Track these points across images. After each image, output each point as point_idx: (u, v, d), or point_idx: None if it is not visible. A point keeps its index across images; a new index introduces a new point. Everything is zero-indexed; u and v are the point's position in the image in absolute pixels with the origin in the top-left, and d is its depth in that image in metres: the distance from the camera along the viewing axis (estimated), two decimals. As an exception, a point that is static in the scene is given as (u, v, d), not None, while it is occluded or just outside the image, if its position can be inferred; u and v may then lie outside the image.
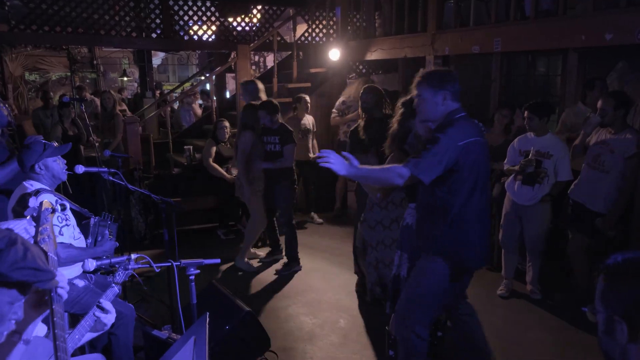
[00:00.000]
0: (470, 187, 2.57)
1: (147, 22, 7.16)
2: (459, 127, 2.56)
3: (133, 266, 2.37)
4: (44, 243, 1.56)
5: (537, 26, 4.47)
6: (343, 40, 7.31)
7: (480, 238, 2.65)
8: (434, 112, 2.64)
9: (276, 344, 3.62)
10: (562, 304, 4.21)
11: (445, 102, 2.61)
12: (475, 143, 2.55)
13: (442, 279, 2.66)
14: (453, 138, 2.51)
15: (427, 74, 2.68)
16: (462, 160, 2.52)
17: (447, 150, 2.49)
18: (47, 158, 2.93)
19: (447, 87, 2.60)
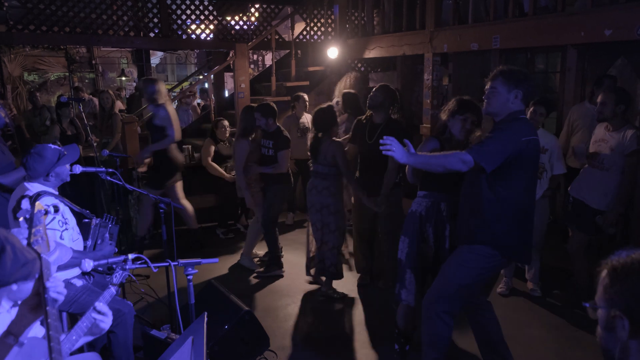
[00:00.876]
0: (526, 184, 2.67)
1: (145, 22, 7.14)
2: (522, 124, 2.64)
3: (130, 266, 2.35)
4: (37, 245, 1.56)
5: (535, 23, 4.46)
6: (341, 38, 7.29)
7: (527, 233, 2.74)
8: (502, 107, 2.68)
9: (275, 343, 3.61)
10: (562, 302, 4.21)
11: (515, 100, 2.67)
12: (535, 141, 2.65)
13: (472, 268, 2.76)
14: (517, 132, 2.58)
15: (506, 70, 2.71)
16: (525, 156, 2.60)
17: (510, 141, 2.57)
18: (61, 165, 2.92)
19: (522, 87, 2.66)
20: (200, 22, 7.59)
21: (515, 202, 2.66)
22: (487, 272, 2.80)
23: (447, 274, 2.85)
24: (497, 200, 2.66)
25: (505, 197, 2.65)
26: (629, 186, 3.76)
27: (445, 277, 2.86)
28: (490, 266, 2.76)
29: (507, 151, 2.55)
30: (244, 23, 7.87)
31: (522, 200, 2.68)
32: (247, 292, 4.49)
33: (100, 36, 6.85)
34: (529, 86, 2.69)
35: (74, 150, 3.05)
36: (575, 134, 4.94)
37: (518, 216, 2.68)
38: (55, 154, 2.92)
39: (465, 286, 2.79)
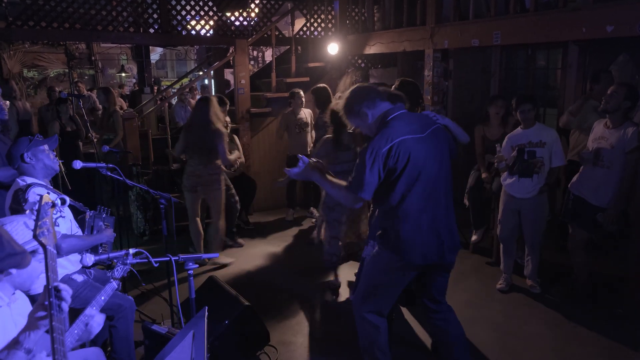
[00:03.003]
0: (406, 185, 2.57)
1: (144, 17, 7.11)
2: (386, 131, 2.58)
3: (131, 261, 2.36)
4: (43, 236, 1.56)
5: (537, 19, 4.45)
6: (341, 34, 7.28)
7: (421, 234, 2.61)
8: (370, 130, 2.71)
9: (276, 338, 3.62)
10: (562, 298, 4.21)
11: (370, 117, 2.67)
12: (402, 143, 2.54)
13: (386, 270, 2.73)
14: (376, 147, 2.53)
15: (343, 108, 2.75)
16: (391, 163, 2.53)
17: (374, 162, 2.53)
18: (35, 147, 2.91)
19: (362, 104, 2.67)
20: (200, 18, 7.57)
21: (398, 203, 2.60)
22: (394, 273, 2.72)
23: (364, 274, 2.88)
24: (385, 206, 2.68)
25: (386, 200, 2.63)
26: (630, 183, 3.76)
27: (362, 277, 2.90)
28: (395, 267, 2.69)
29: (375, 173, 2.54)
30: (244, 19, 7.85)
31: (407, 200, 2.59)
32: (247, 287, 4.49)
33: (100, 32, 6.83)
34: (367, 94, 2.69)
35: (51, 138, 3.07)
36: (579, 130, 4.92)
37: (405, 216, 2.60)
38: (26, 138, 2.93)
39: (379, 286, 2.79)
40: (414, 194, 2.58)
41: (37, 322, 1.57)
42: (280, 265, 5.11)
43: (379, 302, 2.84)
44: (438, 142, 2.68)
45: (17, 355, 1.56)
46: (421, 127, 2.65)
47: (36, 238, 1.55)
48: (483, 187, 4.96)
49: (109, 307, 2.78)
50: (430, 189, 2.62)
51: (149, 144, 6.67)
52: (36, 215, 1.63)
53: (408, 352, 3.53)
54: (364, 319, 2.86)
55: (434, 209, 2.64)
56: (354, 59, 7.97)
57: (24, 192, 2.74)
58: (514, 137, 4.22)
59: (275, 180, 4.25)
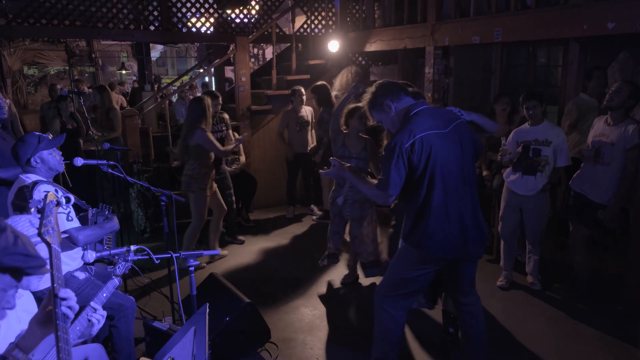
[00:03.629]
0: (430, 180, 2.61)
1: (144, 15, 7.11)
2: (409, 127, 2.61)
3: (132, 257, 2.36)
4: (48, 235, 1.56)
5: (538, 16, 4.44)
6: (342, 32, 7.27)
7: (446, 229, 2.65)
8: (393, 125, 2.78)
9: (276, 335, 3.63)
10: (562, 295, 4.21)
11: (393, 110, 2.73)
12: (424, 138, 2.58)
13: (410, 265, 2.78)
14: (399, 142, 2.58)
15: (367, 103, 2.82)
16: (415, 158, 2.57)
17: (398, 157, 2.57)
18: (42, 151, 2.92)
19: (384, 98, 2.73)
20: (200, 15, 7.56)
21: (420, 198, 2.65)
22: (418, 268, 2.76)
23: (390, 267, 2.95)
24: (410, 201, 2.72)
25: (414, 199, 2.68)
26: (630, 181, 3.76)
27: (389, 270, 2.95)
28: (421, 262, 2.73)
29: (401, 170, 2.59)
30: (245, 16, 7.83)
31: (429, 195, 2.63)
32: (248, 285, 4.49)
33: (100, 29, 6.83)
34: (390, 88, 2.75)
35: (58, 137, 3.06)
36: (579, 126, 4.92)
37: (428, 211, 2.64)
38: (35, 138, 2.93)
39: (398, 277, 2.85)
40: (438, 189, 2.62)
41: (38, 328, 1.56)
42: (281, 263, 5.12)
43: (402, 295, 2.88)
44: (461, 138, 2.70)
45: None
46: (444, 122, 2.68)
47: (41, 236, 1.55)
48: (484, 185, 4.96)
49: (110, 307, 2.79)
50: (454, 183, 2.65)
51: (150, 141, 6.67)
52: (41, 214, 1.63)
53: (414, 346, 3.53)
54: (383, 310, 2.90)
55: (459, 204, 2.67)
56: (355, 57, 7.96)
57: (30, 190, 2.75)
58: (521, 132, 4.20)
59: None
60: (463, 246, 2.69)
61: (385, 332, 2.94)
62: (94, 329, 1.93)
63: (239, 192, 5.86)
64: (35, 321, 1.58)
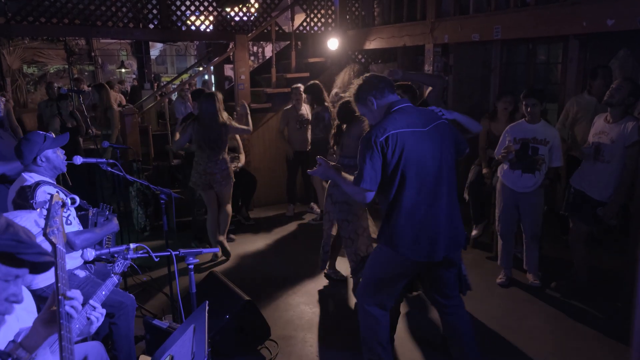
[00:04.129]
0: (403, 179, 2.58)
1: (144, 13, 7.11)
2: (385, 122, 2.61)
3: (132, 255, 2.36)
4: (53, 235, 1.56)
5: (537, 13, 4.44)
6: (341, 30, 7.27)
7: (414, 230, 2.61)
8: (374, 119, 2.76)
9: (276, 333, 3.63)
10: (562, 293, 4.21)
11: (375, 105, 2.72)
12: (399, 135, 2.55)
13: (385, 264, 2.77)
14: (373, 136, 2.56)
15: (353, 95, 2.80)
16: (389, 154, 2.55)
17: (373, 151, 2.55)
18: (47, 150, 2.93)
19: (367, 93, 2.72)
20: (199, 14, 7.56)
21: (394, 198, 2.62)
22: (391, 268, 2.75)
23: (367, 266, 2.92)
24: (383, 199, 2.70)
25: (386, 196, 2.65)
26: (630, 178, 3.76)
27: (366, 269, 2.94)
28: (394, 262, 2.71)
29: (376, 165, 2.56)
30: (244, 14, 7.83)
31: (404, 194, 2.59)
32: (248, 283, 4.50)
33: (99, 28, 6.83)
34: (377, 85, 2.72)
35: (63, 136, 3.06)
36: (577, 125, 4.93)
37: (400, 211, 2.61)
38: (40, 137, 2.93)
39: (379, 279, 2.82)
40: (410, 188, 2.58)
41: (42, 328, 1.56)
42: (281, 260, 5.12)
43: (379, 295, 2.85)
44: (440, 138, 2.66)
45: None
46: (423, 121, 2.65)
47: (46, 236, 1.56)
48: (483, 182, 4.96)
49: (110, 304, 2.79)
50: (429, 184, 2.61)
51: (149, 139, 6.68)
52: (46, 214, 1.63)
53: (417, 347, 3.52)
54: (365, 311, 2.88)
55: (431, 205, 2.63)
56: (354, 54, 7.96)
57: (32, 190, 2.75)
58: (518, 129, 4.18)
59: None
60: (432, 249, 2.63)
61: (371, 334, 2.90)
62: (92, 327, 1.93)
63: (239, 190, 5.85)
64: (39, 321, 1.58)
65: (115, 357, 2.92)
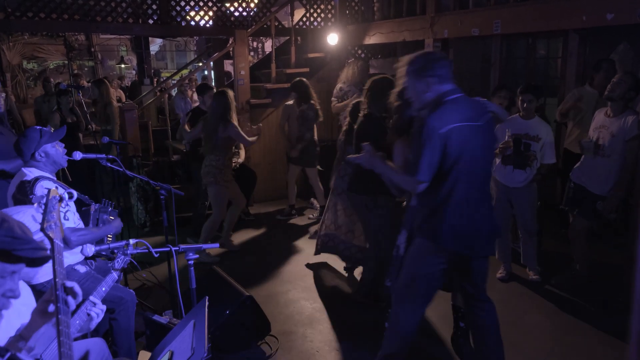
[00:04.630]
0: (458, 173, 2.52)
1: (143, 8, 7.08)
2: (444, 113, 2.49)
3: (132, 251, 2.37)
4: (50, 230, 1.56)
5: (537, 7, 4.43)
6: (341, 25, 7.25)
7: (466, 225, 2.58)
8: (421, 100, 2.60)
9: (276, 328, 3.64)
10: (562, 287, 4.22)
11: (431, 87, 2.55)
12: (459, 129, 2.47)
13: (426, 260, 2.69)
14: (435, 127, 2.45)
15: (410, 61, 2.60)
16: (448, 147, 2.47)
17: (433, 142, 2.45)
18: (45, 144, 2.93)
19: (429, 74, 2.54)
20: (199, 9, 7.54)
21: (447, 191, 2.54)
22: (431, 262, 2.68)
23: (405, 263, 2.86)
24: (430, 192, 2.58)
25: (436, 189, 2.56)
26: (630, 172, 3.76)
27: (405, 267, 2.86)
28: (432, 257, 2.66)
29: (435, 156, 2.46)
30: (244, 9, 7.81)
31: (457, 188, 2.53)
32: (248, 278, 4.51)
33: (99, 23, 6.81)
34: (441, 66, 2.54)
35: (60, 130, 3.06)
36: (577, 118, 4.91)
37: (453, 206, 2.55)
38: (37, 132, 2.93)
39: (418, 275, 2.73)
40: (463, 184, 2.53)
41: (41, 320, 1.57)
42: (281, 256, 5.12)
43: (417, 291, 2.77)
44: (489, 132, 2.63)
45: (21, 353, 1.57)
46: (477, 114, 2.57)
47: (44, 231, 1.56)
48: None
49: (110, 300, 2.80)
50: (479, 179, 2.59)
51: (149, 135, 6.67)
52: (44, 209, 1.64)
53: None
54: (399, 307, 2.82)
55: (479, 200, 2.60)
56: (354, 50, 7.94)
57: (31, 185, 2.76)
58: (513, 124, 4.17)
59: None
60: (477, 242, 2.63)
61: (398, 329, 2.84)
62: (92, 323, 1.94)
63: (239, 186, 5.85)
64: (36, 312, 1.60)
65: (116, 353, 2.93)
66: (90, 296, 2.03)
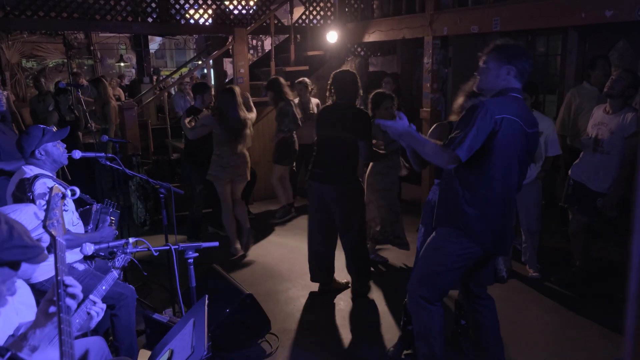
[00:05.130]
0: (501, 170, 2.49)
1: (142, 6, 7.07)
2: (506, 102, 2.46)
3: (131, 250, 2.37)
4: (53, 228, 1.57)
5: (536, 4, 4.42)
6: (340, 23, 7.24)
7: (499, 223, 2.58)
8: (492, 84, 2.56)
9: (277, 327, 3.64)
10: (562, 284, 4.23)
11: (507, 77, 2.53)
12: (514, 123, 2.43)
13: (451, 254, 2.63)
14: (491, 109, 2.40)
15: (499, 46, 2.57)
16: (498, 136, 2.41)
17: (483, 123, 2.39)
18: (46, 143, 2.93)
19: (515, 63, 2.52)
20: (198, 7, 7.53)
21: (487, 187, 2.51)
22: (460, 257, 2.63)
23: (422, 257, 2.79)
24: (467, 185, 2.55)
25: (476, 182, 2.53)
26: (629, 169, 3.76)
27: (420, 261, 2.81)
28: (462, 252, 2.61)
29: (482, 135, 2.40)
30: (243, 7, 7.80)
31: (496, 186, 2.51)
32: (248, 277, 4.51)
33: (98, 21, 6.80)
34: (524, 63, 2.54)
35: (63, 130, 3.06)
36: (580, 116, 4.92)
37: (491, 203, 2.53)
38: (40, 130, 2.94)
39: (438, 271, 2.67)
40: (501, 180, 2.51)
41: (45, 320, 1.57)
42: (281, 254, 5.13)
43: (436, 287, 2.71)
44: (531, 145, 2.61)
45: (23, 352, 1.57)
46: (530, 122, 2.55)
47: (46, 229, 1.56)
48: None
49: (111, 296, 2.80)
50: (514, 180, 2.58)
51: (149, 134, 6.67)
52: (46, 206, 1.64)
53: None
54: (418, 304, 2.74)
55: (509, 201, 2.60)
56: (354, 47, 7.93)
57: (30, 183, 2.76)
58: None
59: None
60: (503, 241, 2.64)
61: (425, 328, 2.77)
62: (92, 322, 1.94)
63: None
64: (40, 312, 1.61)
65: (117, 349, 2.93)
66: (90, 295, 2.04)
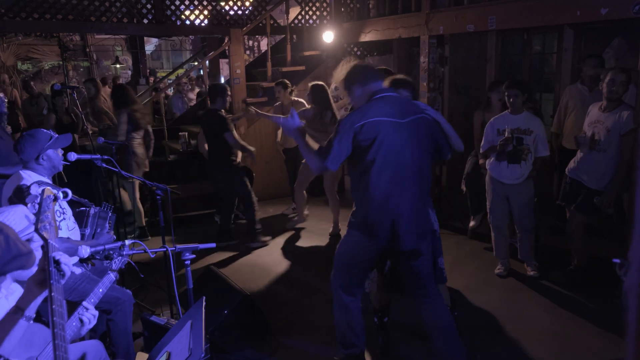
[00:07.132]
0: (375, 167, 2.65)
1: (138, 7, 7.06)
2: (365, 108, 2.69)
3: (128, 252, 2.36)
4: (45, 230, 1.56)
5: (532, 3, 4.42)
6: (337, 22, 7.23)
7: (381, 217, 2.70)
8: (357, 102, 2.86)
9: (275, 328, 3.63)
10: (560, 282, 4.23)
11: (362, 89, 2.80)
12: (375, 123, 2.62)
13: (350, 247, 2.89)
14: (350, 120, 2.65)
15: (340, 82, 2.91)
16: (361, 140, 2.62)
17: (345, 133, 2.62)
18: (50, 149, 2.92)
19: (355, 80, 2.82)
20: (194, 8, 7.52)
21: (368, 187, 2.69)
22: (358, 250, 2.85)
23: (337, 251, 3.01)
24: (356, 185, 2.80)
25: (359, 182, 2.74)
26: (626, 166, 3.77)
27: (335, 254, 3.02)
28: (358, 244, 2.82)
29: (343, 147, 2.63)
30: (239, 8, 7.79)
31: (371, 183, 2.67)
32: (246, 278, 4.50)
33: (93, 23, 6.78)
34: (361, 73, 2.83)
35: (66, 137, 3.04)
36: (569, 116, 4.94)
37: (371, 200, 2.70)
38: (47, 135, 2.93)
39: (345, 262, 2.93)
40: (381, 177, 2.66)
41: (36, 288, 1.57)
42: (279, 255, 5.12)
43: (346, 278, 2.94)
44: (418, 132, 2.72)
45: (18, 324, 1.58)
46: (402, 112, 2.70)
47: (37, 232, 1.55)
48: (480, 173, 4.96)
49: (107, 301, 2.79)
50: (400, 175, 2.68)
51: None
52: (37, 209, 1.63)
53: (404, 337, 3.54)
54: (336, 296, 2.98)
55: (400, 195, 2.69)
56: (350, 47, 7.92)
57: (27, 188, 2.74)
58: (501, 120, 4.18)
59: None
60: (393, 237, 2.72)
61: (343, 319, 3.00)
62: (84, 329, 1.93)
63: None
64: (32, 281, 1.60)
65: (114, 354, 2.92)
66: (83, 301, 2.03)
